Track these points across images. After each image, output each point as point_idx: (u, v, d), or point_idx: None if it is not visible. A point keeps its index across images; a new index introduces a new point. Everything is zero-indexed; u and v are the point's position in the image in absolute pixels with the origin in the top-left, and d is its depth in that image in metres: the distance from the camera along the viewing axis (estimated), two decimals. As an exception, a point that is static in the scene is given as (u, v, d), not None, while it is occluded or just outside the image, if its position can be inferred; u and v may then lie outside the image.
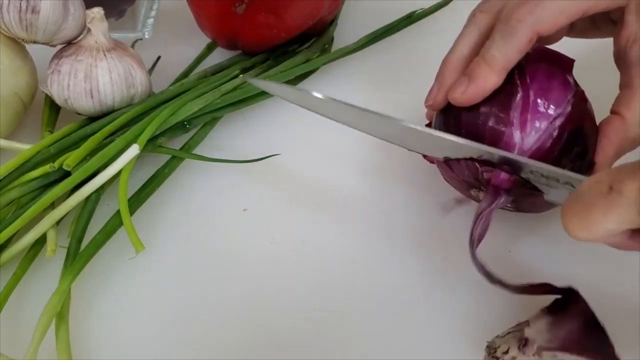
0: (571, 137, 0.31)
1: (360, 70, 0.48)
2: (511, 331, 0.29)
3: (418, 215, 0.38)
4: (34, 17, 0.36)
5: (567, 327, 0.28)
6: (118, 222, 0.35)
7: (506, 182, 0.32)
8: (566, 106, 0.31)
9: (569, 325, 0.28)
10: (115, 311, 0.34)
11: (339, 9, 0.50)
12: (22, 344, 0.31)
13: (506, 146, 0.31)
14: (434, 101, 0.34)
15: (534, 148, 0.31)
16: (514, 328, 0.30)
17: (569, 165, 0.31)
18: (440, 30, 0.50)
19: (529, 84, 0.32)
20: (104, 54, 0.38)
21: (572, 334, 0.28)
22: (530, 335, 0.28)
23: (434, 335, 0.32)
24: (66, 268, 0.33)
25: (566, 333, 0.28)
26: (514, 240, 0.36)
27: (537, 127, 0.31)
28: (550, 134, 0.31)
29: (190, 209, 0.39)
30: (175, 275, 0.35)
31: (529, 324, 0.29)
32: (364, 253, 0.36)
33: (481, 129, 0.32)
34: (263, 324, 0.33)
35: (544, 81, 0.32)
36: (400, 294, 0.34)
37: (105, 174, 0.35)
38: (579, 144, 0.32)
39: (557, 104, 0.31)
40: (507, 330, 0.30)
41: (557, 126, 0.31)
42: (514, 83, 0.32)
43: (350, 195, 0.39)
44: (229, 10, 0.42)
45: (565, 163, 0.31)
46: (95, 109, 0.39)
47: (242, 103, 0.43)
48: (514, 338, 0.29)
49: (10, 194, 0.35)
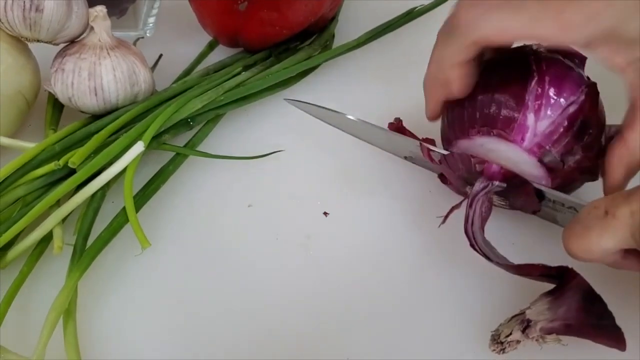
0: (583, 125, 0.32)
1: (361, 67, 0.48)
2: (514, 316, 0.30)
3: (422, 210, 0.38)
4: (38, 15, 0.36)
5: (567, 304, 0.28)
6: (124, 219, 0.35)
7: (498, 173, 0.33)
8: (580, 95, 0.32)
9: (568, 301, 0.28)
10: (123, 307, 0.34)
11: (340, 6, 0.50)
12: (30, 341, 0.31)
13: (520, 128, 0.31)
14: (430, 115, 0.37)
15: (547, 132, 0.31)
16: (516, 313, 0.30)
17: (579, 152, 0.32)
18: (439, 27, 0.51)
19: (545, 71, 0.32)
20: (108, 52, 0.39)
21: (572, 309, 0.28)
22: (532, 316, 0.29)
23: (439, 328, 0.33)
24: (73, 265, 0.33)
25: (566, 309, 0.28)
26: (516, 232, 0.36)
27: (551, 112, 0.31)
28: (563, 120, 0.31)
29: (195, 205, 0.39)
30: (181, 271, 0.36)
31: (530, 308, 0.29)
32: (369, 247, 0.36)
33: (495, 112, 0.32)
34: (269, 319, 0.33)
35: (560, 69, 0.32)
36: (405, 288, 0.34)
37: (111, 171, 0.35)
38: (590, 134, 0.32)
39: (571, 92, 0.32)
40: (509, 317, 0.30)
41: (570, 113, 0.31)
42: (530, 69, 0.32)
43: (355, 191, 0.39)
44: (231, 8, 0.43)
45: (576, 150, 0.32)
46: (99, 107, 0.39)
47: (245, 100, 0.43)
48: (516, 322, 0.29)
49: (16, 192, 0.35)
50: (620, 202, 0.26)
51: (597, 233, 0.27)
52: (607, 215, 0.26)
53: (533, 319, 0.29)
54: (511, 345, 0.29)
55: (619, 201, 0.26)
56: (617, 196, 0.27)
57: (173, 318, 0.34)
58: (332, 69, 0.48)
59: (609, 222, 0.26)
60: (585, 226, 0.27)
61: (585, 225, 0.27)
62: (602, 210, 0.27)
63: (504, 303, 0.33)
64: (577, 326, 0.28)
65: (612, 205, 0.26)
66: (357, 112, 0.44)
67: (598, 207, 0.27)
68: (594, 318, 0.28)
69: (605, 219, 0.26)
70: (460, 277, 0.34)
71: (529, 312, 0.29)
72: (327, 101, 0.45)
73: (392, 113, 0.44)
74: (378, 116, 0.44)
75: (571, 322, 0.28)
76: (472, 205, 0.33)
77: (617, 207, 0.26)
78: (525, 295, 0.31)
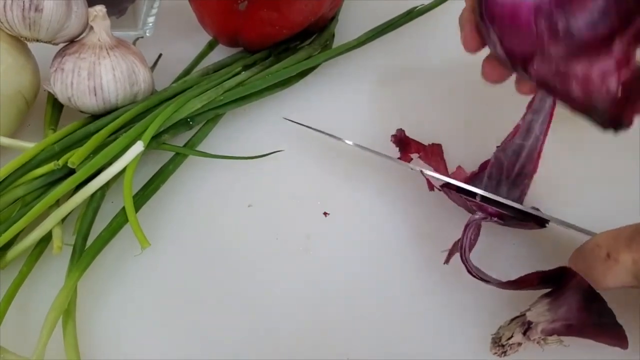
0: None
1: (361, 67, 0.48)
2: (514, 318, 0.30)
3: (422, 210, 0.38)
4: (37, 15, 0.36)
5: (567, 304, 0.29)
6: (123, 219, 0.35)
7: (495, 213, 0.34)
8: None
9: (568, 301, 0.29)
10: (122, 307, 0.34)
11: (340, 6, 0.50)
12: (29, 341, 0.31)
13: None
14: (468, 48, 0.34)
15: None
16: (517, 316, 0.30)
17: None
18: (440, 26, 0.51)
19: None
20: (107, 51, 0.38)
21: (573, 309, 0.28)
22: (532, 318, 0.29)
23: (439, 329, 0.33)
24: (72, 265, 0.33)
25: (567, 309, 0.28)
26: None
27: None
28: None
29: (195, 205, 0.39)
30: (181, 271, 0.36)
31: (530, 309, 0.29)
32: (369, 247, 0.36)
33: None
34: (269, 318, 0.33)
35: None
36: (405, 289, 0.34)
37: (110, 171, 0.35)
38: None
39: None
40: (509, 319, 0.30)
41: None
42: None
43: (355, 191, 0.39)
44: (231, 8, 0.42)
45: None
46: (99, 107, 0.39)
47: (244, 100, 0.43)
48: (517, 324, 0.29)
49: (15, 192, 0.35)
50: (622, 248, 0.27)
51: (601, 273, 0.27)
52: (609, 259, 0.27)
53: (534, 320, 0.29)
54: (512, 348, 0.29)
55: (620, 246, 0.27)
56: (619, 239, 0.27)
57: (173, 318, 0.34)
58: (332, 69, 0.48)
59: (611, 266, 0.27)
60: (589, 265, 0.28)
61: (589, 265, 0.28)
62: (604, 252, 0.27)
63: (504, 305, 0.33)
64: (578, 326, 0.28)
65: (614, 249, 0.27)
66: (357, 112, 0.44)
67: (600, 247, 0.28)
68: (595, 317, 0.28)
69: (608, 262, 0.27)
70: (460, 278, 0.34)
71: (529, 314, 0.29)
72: (327, 101, 0.45)
73: (393, 113, 0.44)
74: (378, 116, 0.44)
75: (572, 322, 0.28)
76: (466, 232, 0.33)
77: (619, 253, 0.27)
78: (525, 298, 0.31)
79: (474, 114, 0.43)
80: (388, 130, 0.39)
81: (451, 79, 0.45)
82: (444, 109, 0.44)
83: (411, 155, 0.38)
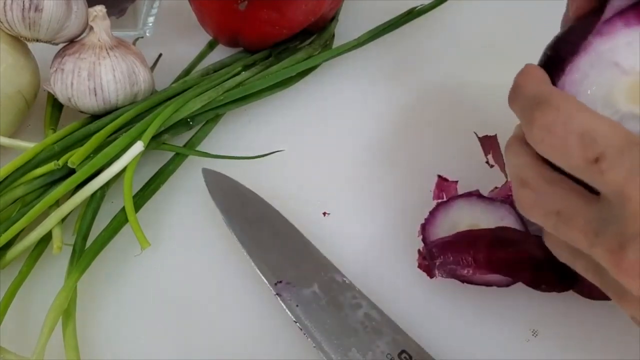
0: None
1: (361, 67, 0.48)
2: None
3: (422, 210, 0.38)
4: (37, 15, 0.36)
5: None
6: (123, 219, 0.35)
7: None
8: None
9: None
10: (122, 307, 0.34)
11: (340, 6, 0.50)
12: (29, 341, 0.31)
13: None
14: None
15: None
16: None
17: None
18: (440, 26, 0.51)
19: None
20: (107, 52, 0.38)
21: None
22: None
23: (438, 329, 0.33)
24: (72, 265, 0.33)
25: None
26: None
27: None
28: None
29: (195, 206, 0.39)
30: (181, 271, 0.36)
31: None
32: (369, 247, 0.36)
33: None
34: (269, 318, 0.33)
35: None
36: (405, 289, 0.34)
37: (110, 171, 0.35)
38: None
39: None
40: None
41: None
42: None
43: (356, 191, 0.39)
44: (231, 7, 0.43)
45: None
46: (99, 107, 0.39)
47: (244, 100, 0.43)
48: None
49: (15, 192, 0.35)
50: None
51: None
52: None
53: None
54: None
55: None
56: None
57: (172, 318, 0.34)
58: (332, 69, 0.48)
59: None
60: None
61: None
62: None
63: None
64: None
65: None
66: (357, 112, 0.44)
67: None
68: None
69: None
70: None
71: None
72: (327, 101, 0.45)
73: (393, 113, 0.44)
74: (378, 116, 0.44)
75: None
76: None
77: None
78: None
79: (474, 114, 0.43)
80: (388, 131, 0.39)
81: (451, 79, 0.45)
82: (444, 109, 0.44)
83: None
